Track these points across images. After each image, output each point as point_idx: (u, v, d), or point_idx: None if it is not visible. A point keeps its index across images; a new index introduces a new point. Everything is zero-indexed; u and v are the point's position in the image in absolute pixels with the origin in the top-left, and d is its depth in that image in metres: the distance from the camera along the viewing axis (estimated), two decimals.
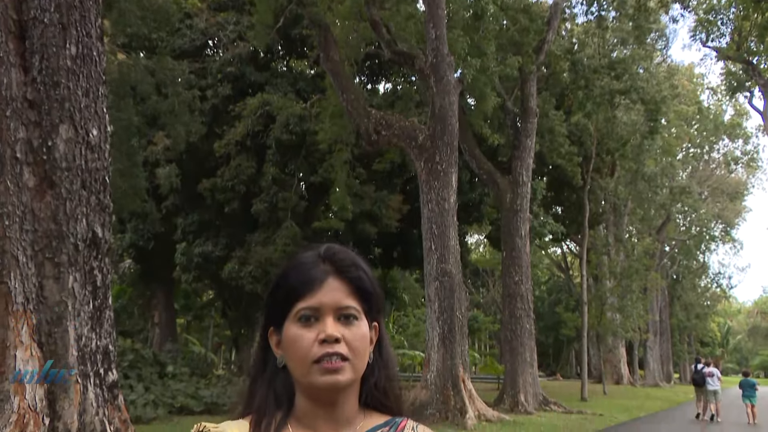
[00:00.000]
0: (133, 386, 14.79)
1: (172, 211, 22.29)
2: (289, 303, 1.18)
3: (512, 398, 18.04)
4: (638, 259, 28.59)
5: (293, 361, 1.17)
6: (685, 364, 59.51)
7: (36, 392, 5.92)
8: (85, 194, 6.41)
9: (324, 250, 1.23)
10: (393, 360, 1.29)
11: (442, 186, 15.32)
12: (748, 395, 18.92)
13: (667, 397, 30.64)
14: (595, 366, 38.10)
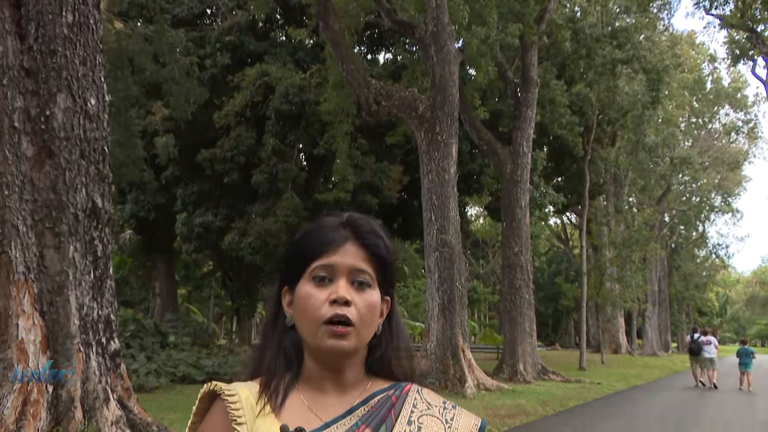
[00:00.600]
0: (135, 356, 14.92)
1: (171, 181, 22.26)
2: (305, 263, 1.19)
3: (511, 368, 18.19)
4: (638, 229, 28.62)
5: (302, 319, 1.18)
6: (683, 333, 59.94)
7: (39, 360, 5.97)
8: (84, 164, 6.39)
9: (346, 216, 1.24)
10: (404, 335, 1.29)
11: (443, 157, 15.27)
12: (744, 363, 19.35)
13: (664, 366, 30.95)
14: (593, 336, 38.39)
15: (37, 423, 5.80)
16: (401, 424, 1.18)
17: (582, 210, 26.73)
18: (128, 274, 30.18)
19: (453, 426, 1.22)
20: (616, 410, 13.51)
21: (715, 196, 48.53)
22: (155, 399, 11.60)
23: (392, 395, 1.21)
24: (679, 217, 48.71)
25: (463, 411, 1.27)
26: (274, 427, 1.14)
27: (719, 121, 45.59)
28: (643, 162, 30.80)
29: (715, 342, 20.09)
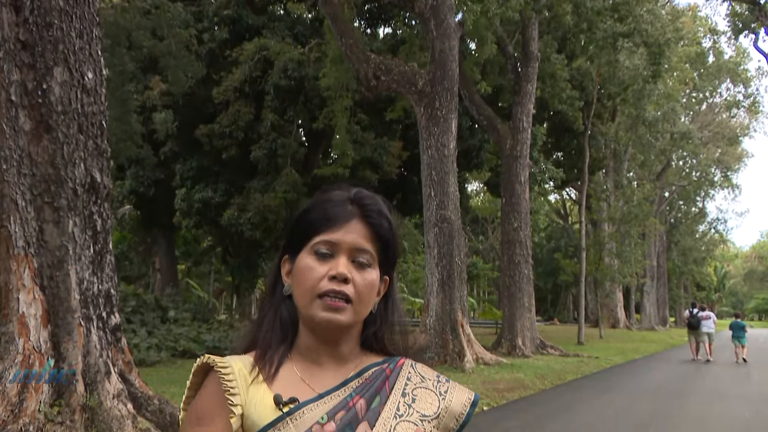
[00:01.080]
0: (136, 330, 15.00)
1: (170, 157, 22.20)
2: (309, 234, 1.19)
3: (510, 342, 18.32)
4: (638, 204, 28.62)
5: (299, 290, 1.18)
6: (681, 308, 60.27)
7: (40, 334, 6.00)
8: (82, 138, 6.36)
9: (354, 192, 1.23)
10: (400, 314, 1.30)
11: (442, 132, 15.22)
12: (737, 336, 19.88)
13: (662, 340, 31.17)
14: (592, 310, 38.60)
15: (39, 396, 5.84)
16: (395, 395, 1.20)
17: (581, 185, 26.72)
18: (128, 250, 30.24)
19: (447, 398, 1.23)
20: (614, 383, 13.63)
21: (715, 171, 48.47)
22: (156, 373, 11.69)
23: (386, 368, 1.22)
24: (679, 192, 48.70)
25: (456, 385, 1.28)
26: (267, 396, 1.15)
27: (720, 95, 45.38)
28: (642, 137, 30.70)
29: (713, 317, 20.52)
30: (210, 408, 1.15)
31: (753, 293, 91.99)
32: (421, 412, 1.19)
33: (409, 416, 1.18)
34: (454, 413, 1.23)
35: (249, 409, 1.14)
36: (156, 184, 22.90)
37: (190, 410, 1.18)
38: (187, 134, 21.05)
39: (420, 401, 1.21)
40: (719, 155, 47.91)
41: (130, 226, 29.36)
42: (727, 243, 78.98)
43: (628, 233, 28.30)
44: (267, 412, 1.13)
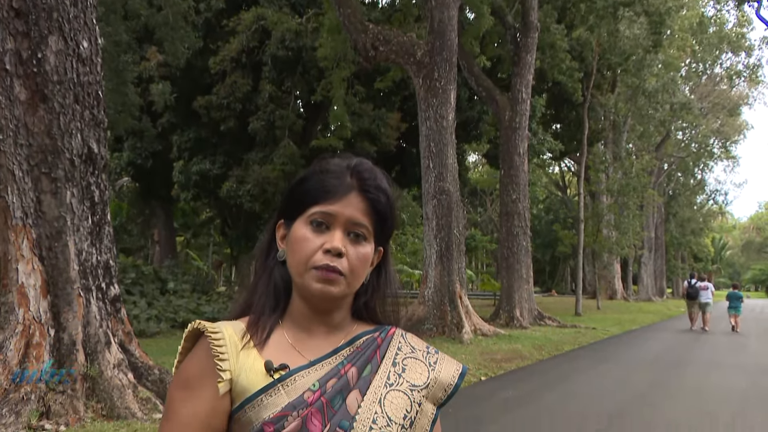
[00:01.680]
0: (136, 302, 15.07)
1: (168, 128, 22.09)
2: (305, 204, 1.19)
3: (508, 313, 18.42)
4: (636, 176, 28.60)
5: (294, 260, 1.18)
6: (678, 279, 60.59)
7: (40, 304, 6.02)
8: (78, 109, 6.32)
9: (354, 164, 1.22)
10: (393, 285, 1.30)
11: (441, 103, 15.13)
12: (733, 306, 20.29)
13: (659, 311, 31.37)
14: (589, 282, 38.79)
15: (40, 365, 5.88)
16: (386, 365, 1.20)
17: (580, 157, 26.66)
18: (127, 222, 30.24)
19: (436, 369, 1.24)
20: (611, 354, 13.75)
21: (714, 142, 48.35)
22: (156, 344, 11.76)
23: (377, 337, 1.23)
24: (677, 163, 48.64)
25: (445, 357, 1.29)
26: (257, 362, 1.14)
27: (720, 65, 45.08)
28: (642, 108, 30.55)
29: (711, 287, 20.78)
30: (197, 373, 1.15)
31: (750, 264, 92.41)
32: (410, 382, 1.20)
33: (399, 385, 1.19)
34: (443, 384, 1.24)
35: (239, 375, 1.13)
36: (154, 156, 22.82)
37: (178, 374, 1.18)
38: (184, 106, 20.92)
39: (410, 371, 1.21)
40: (719, 126, 47.75)
41: (129, 198, 29.32)
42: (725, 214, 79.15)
43: (627, 205, 28.31)
44: (258, 378, 1.13)
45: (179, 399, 1.14)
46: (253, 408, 1.12)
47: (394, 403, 1.16)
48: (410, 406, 1.18)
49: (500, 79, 21.92)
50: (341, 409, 1.12)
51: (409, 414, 1.17)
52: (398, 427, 1.15)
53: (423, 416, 1.20)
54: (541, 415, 7.35)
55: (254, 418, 1.11)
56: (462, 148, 24.12)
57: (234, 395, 1.13)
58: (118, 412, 6.06)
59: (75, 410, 5.86)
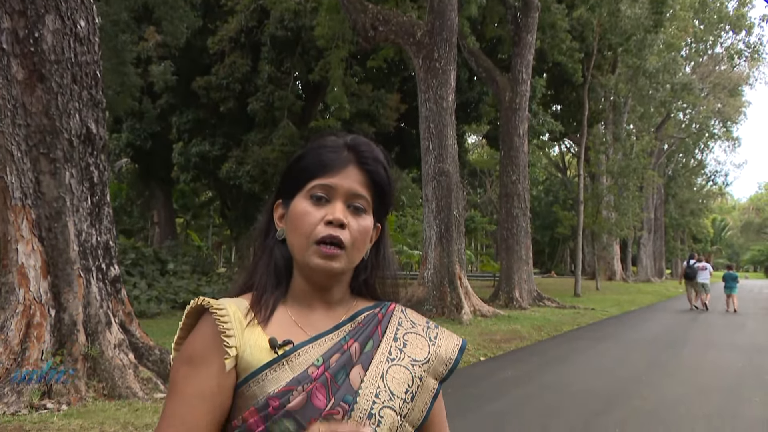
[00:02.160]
0: (136, 283, 15.09)
1: (167, 109, 22.00)
2: (304, 179, 1.19)
3: (507, 294, 18.47)
4: (636, 157, 28.54)
5: (294, 235, 1.19)
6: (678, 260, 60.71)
7: (40, 285, 6.03)
8: (76, 89, 6.28)
9: (350, 138, 1.23)
10: (391, 262, 1.31)
11: (441, 84, 15.05)
12: (729, 287, 20.54)
13: (657, 292, 31.47)
14: (588, 263, 38.87)
15: (41, 345, 5.91)
16: (387, 340, 1.21)
17: (580, 138, 26.58)
18: (126, 203, 30.23)
19: (437, 344, 1.25)
20: (609, 334, 13.81)
21: (715, 123, 48.20)
22: (157, 325, 11.81)
23: (378, 313, 1.24)
24: (678, 144, 48.53)
25: (445, 331, 1.30)
26: (261, 339, 1.15)
27: (721, 45, 44.81)
28: (643, 89, 30.41)
29: (710, 268, 21.10)
30: (202, 349, 1.15)
31: (749, 245, 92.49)
32: (412, 357, 1.21)
33: (401, 360, 1.19)
34: (444, 358, 1.24)
35: (244, 351, 1.14)
36: (153, 137, 22.75)
37: (182, 350, 1.18)
38: (183, 86, 20.83)
39: (411, 346, 1.22)
40: (720, 107, 47.57)
41: (128, 180, 29.28)
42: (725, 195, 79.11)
43: (626, 186, 28.28)
44: (262, 354, 1.14)
45: (184, 375, 1.15)
46: (258, 383, 1.12)
47: (396, 378, 1.17)
48: (411, 380, 1.19)
49: (500, 60, 21.79)
50: (345, 383, 1.13)
51: (410, 388, 1.18)
52: (400, 401, 1.16)
53: (424, 391, 1.21)
54: (539, 394, 7.40)
55: (258, 393, 1.12)
56: (462, 129, 24.05)
57: (239, 371, 1.14)
58: (119, 391, 6.10)
59: (76, 390, 5.90)
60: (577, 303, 20.45)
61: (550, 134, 26.18)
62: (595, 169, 29.23)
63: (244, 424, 1.12)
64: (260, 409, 1.11)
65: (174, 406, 1.14)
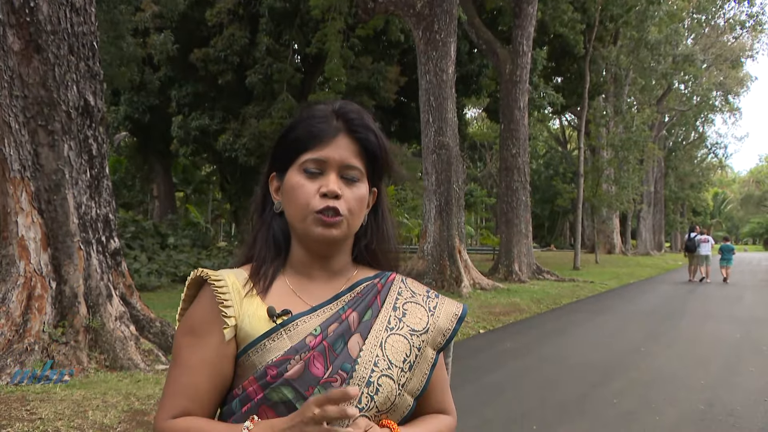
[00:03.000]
0: (136, 256, 15.13)
1: (165, 82, 21.83)
2: (296, 152, 1.20)
3: (507, 268, 18.52)
4: (637, 130, 28.43)
5: (292, 208, 1.19)
6: (677, 233, 60.82)
7: (40, 257, 6.04)
8: (73, 60, 6.23)
9: (338, 106, 1.23)
10: (389, 225, 1.31)
11: (441, 56, 14.94)
12: (725, 258, 21.17)
13: (656, 265, 31.56)
14: (588, 237, 38.91)
15: (42, 317, 5.94)
16: (386, 309, 1.22)
17: (581, 111, 26.45)
18: (125, 176, 30.16)
19: (435, 314, 1.26)
20: (608, 307, 13.88)
21: (716, 95, 47.91)
22: (158, 297, 11.87)
23: (378, 283, 1.25)
24: (678, 117, 48.31)
25: (445, 299, 1.31)
26: (260, 309, 1.17)
27: (723, 16, 44.34)
28: (644, 60, 30.16)
29: (711, 241, 21.52)
30: (203, 320, 1.17)
31: (749, 218, 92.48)
32: (410, 327, 1.22)
33: (400, 330, 1.20)
34: (441, 329, 1.25)
35: (242, 321, 1.16)
36: (151, 110, 22.60)
37: (184, 321, 1.21)
38: (181, 58, 20.64)
39: (410, 316, 1.23)
40: (721, 79, 47.25)
41: (127, 153, 29.17)
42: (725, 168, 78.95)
43: (627, 159, 28.21)
44: (261, 323, 1.15)
45: (186, 345, 1.17)
46: (257, 352, 1.14)
47: (395, 347, 1.18)
48: (410, 350, 1.20)
49: (501, 32, 21.56)
50: (343, 352, 1.14)
51: (408, 358, 1.19)
52: (398, 370, 1.17)
53: (424, 361, 1.22)
54: (538, 366, 7.46)
55: (258, 362, 1.13)
56: (461, 102, 23.91)
57: (238, 340, 1.16)
58: (121, 363, 6.14)
59: (78, 361, 5.94)
60: (576, 276, 20.52)
61: (551, 107, 26.00)
62: (596, 142, 29.12)
63: (244, 392, 1.14)
64: (259, 378, 1.12)
65: (177, 375, 1.16)
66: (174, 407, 1.14)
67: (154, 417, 1.17)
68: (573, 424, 5.11)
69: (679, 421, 5.20)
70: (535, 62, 21.39)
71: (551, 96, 23.57)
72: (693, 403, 5.77)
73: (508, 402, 5.78)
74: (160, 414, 1.15)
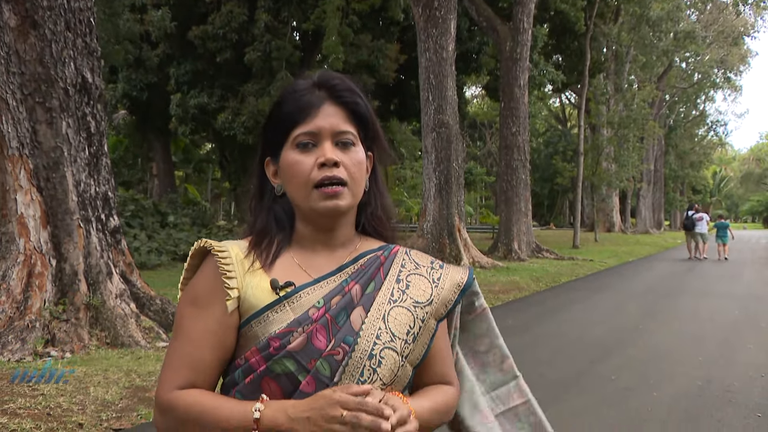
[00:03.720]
0: (136, 235, 15.14)
1: (164, 60, 21.67)
2: (286, 131, 1.19)
3: (506, 246, 18.55)
4: (637, 108, 28.31)
5: (293, 186, 1.19)
6: (677, 212, 60.83)
7: (40, 235, 6.04)
8: (70, 36, 6.18)
9: (318, 76, 1.22)
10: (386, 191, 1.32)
11: (441, 33, 14.83)
12: (720, 236, 21.42)
13: (656, 243, 31.62)
14: (587, 215, 38.94)
15: (43, 294, 5.95)
16: (390, 282, 1.21)
17: (581, 89, 26.33)
18: (124, 155, 30.07)
19: (439, 286, 1.25)
20: (607, 285, 13.92)
21: (718, 72, 47.61)
22: (158, 276, 11.89)
23: (381, 255, 1.24)
24: (679, 95, 48.10)
25: (450, 269, 1.30)
26: (264, 281, 1.16)
27: None
28: (645, 38, 29.96)
29: (707, 218, 21.69)
30: (206, 291, 1.17)
31: (748, 196, 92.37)
32: (414, 299, 1.21)
33: (403, 302, 1.20)
34: (444, 300, 1.25)
35: (246, 293, 1.16)
36: (149, 88, 22.47)
37: (186, 291, 1.21)
38: (179, 36, 20.47)
39: (413, 288, 1.23)
40: (722, 56, 46.92)
41: (126, 132, 29.05)
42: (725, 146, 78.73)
43: (626, 137, 28.13)
44: (264, 295, 1.15)
45: (189, 316, 1.17)
46: (260, 324, 1.14)
47: (398, 320, 1.18)
48: (413, 322, 1.19)
49: (501, 9, 21.37)
50: (345, 325, 1.14)
51: (412, 329, 1.19)
52: (402, 342, 1.17)
53: (426, 332, 1.22)
54: (537, 343, 7.50)
55: (260, 334, 1.13)
56: (461, 80, 23.76)
57: (241, 311, 1.16)
58: (121, 340, 6.17)
59: (79, 338, 5.97)
60: (575, 254, 20.56)
61: (552, 85, 25.86)
62: (596, 121, 29.02)
63: (247, 362, 1.14)
64: (262, 349, 1.12)
65: (180, 345, 1.16)
66: (178, 378, 1.14)
67: (156, 388, 1.17)
68: (572, 400, 5.14)
69: (677, 397, 5.24)
70: (536, 39, 21.23)
71: (552, 74, 23.43)
72: (690, 379, 5.81)
73: None
74: (162, 385, 1.14)
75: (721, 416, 4.75)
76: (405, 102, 23.78)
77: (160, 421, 1.15)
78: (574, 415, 4.74)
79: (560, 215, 57.91)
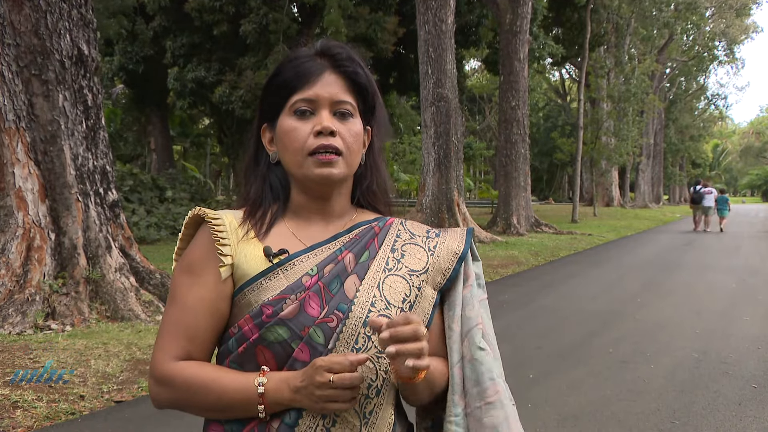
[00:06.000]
0: (135, 210, 15.13)
1: (160, 32, 21.44)
2: (284, 97, 1.18)
3: (505, 221, 18.56)
4: (637, 81, 28.14)
5: (288, 152, 1.18)
6: (675, 186, 60.82)
7: (39, 208, 6.03)
8: (65, 7, 6.11)
9: (320, 44, 1.21)
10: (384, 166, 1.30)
11: (440, 6, 14.69)
12: (721, 209, 22.21)
13: (654, 217, 31.65)
14: (587, 189, 38.92)
15: (42, 268, 5.96)
16: (384, 251, 1.21)
17: (581, 62, 26.15)
18: (122, 129, 29.90)
19: (435, 254, 1.24)
20: (606, 259, 13.96)
21: (719, 45, 47.23)
22: (157, 250, 11.91)
23: (375, 226, 1.24)
24: (680, 68, 47.78)
25: (447, 236, 1.29)
26: (257, 248, 1.16)
27: None
28: (646, 9, 29.68)
29: (715, 192, 22.55)
30: (200, 258, 1.17)
31: (748, 169, 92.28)
32: (409, 267, 1.21)
33: (398, 270, 1.20)
34: (441, 268, 1.24)
35: (239, 260, 1.15)
36: (146, 61, 22.27)
37: (181, 260, 1.20)
38: (175, 8, 20.23)
39: (409, 257, 1.22)
40: (724, 28, 46.51)
41: (123, 106, 28.88)
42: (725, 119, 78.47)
43: (626, 111, 28.01)
44: (257, 263, 1.15)
45: (184, 284, 1.17)
46: (253, 291, 1.13)
47: (393, 288, 1.17)
48: (409, 290, 1.19)
49: None
50: (339, 293, 1.14)
51: (408, 298, 1.18)
52: (397, 310, 1.16)
53: (424, 300, 1.21)
54: (535, 316, 7.54)
55: (253, 301, 1.13)
56: (461, 54, 23.57)
57: (235, 279, 1.16)
58: (121, 314, 6.20)
59: (79, 312, 5.99)
60: (574, 229, 20.59)
61: (551, 58, 25.67)
62: (595, 95, 28.86)
63: (240, 331, 1.14)
64: (255, 317, 1.12)
65: (175, 313, 1.16)
66: (173, 348, 1.13)
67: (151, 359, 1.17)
68: (569, 372, 5.18)
69: (674, 369, 5.28)
70: (536, 12, 21.03)
71: (551, 47, 23.25)
72: (687, 351, 5.85)
73: (506, 352, 5.84)
74: (159, 354, 1.14)
75: (717, 388, 4.79)
76: (404, 75, 23.61)
77: (157, 392, 1.14)
78: (571, 387, 4.78)
79: (559, 190, 57.90)
